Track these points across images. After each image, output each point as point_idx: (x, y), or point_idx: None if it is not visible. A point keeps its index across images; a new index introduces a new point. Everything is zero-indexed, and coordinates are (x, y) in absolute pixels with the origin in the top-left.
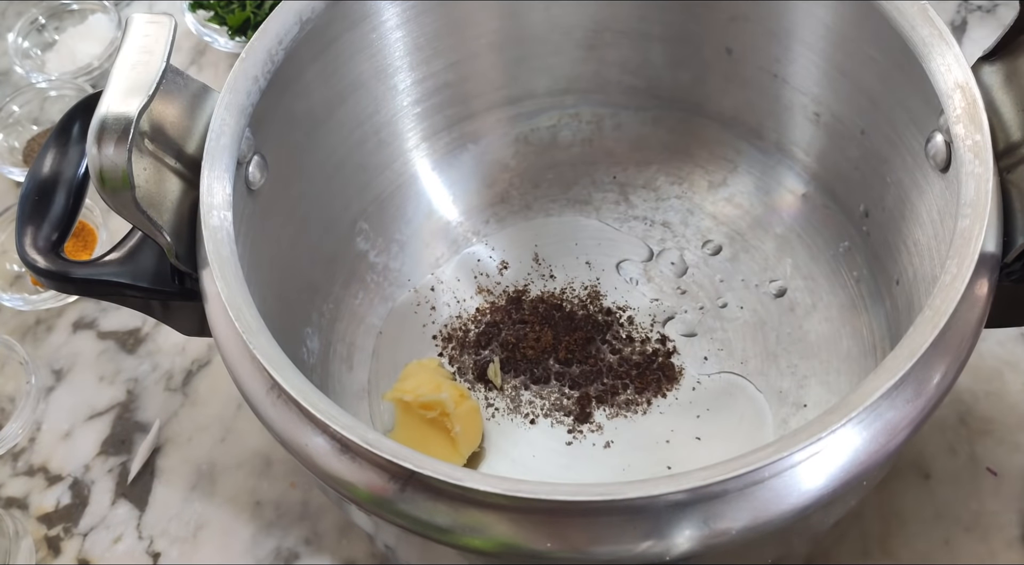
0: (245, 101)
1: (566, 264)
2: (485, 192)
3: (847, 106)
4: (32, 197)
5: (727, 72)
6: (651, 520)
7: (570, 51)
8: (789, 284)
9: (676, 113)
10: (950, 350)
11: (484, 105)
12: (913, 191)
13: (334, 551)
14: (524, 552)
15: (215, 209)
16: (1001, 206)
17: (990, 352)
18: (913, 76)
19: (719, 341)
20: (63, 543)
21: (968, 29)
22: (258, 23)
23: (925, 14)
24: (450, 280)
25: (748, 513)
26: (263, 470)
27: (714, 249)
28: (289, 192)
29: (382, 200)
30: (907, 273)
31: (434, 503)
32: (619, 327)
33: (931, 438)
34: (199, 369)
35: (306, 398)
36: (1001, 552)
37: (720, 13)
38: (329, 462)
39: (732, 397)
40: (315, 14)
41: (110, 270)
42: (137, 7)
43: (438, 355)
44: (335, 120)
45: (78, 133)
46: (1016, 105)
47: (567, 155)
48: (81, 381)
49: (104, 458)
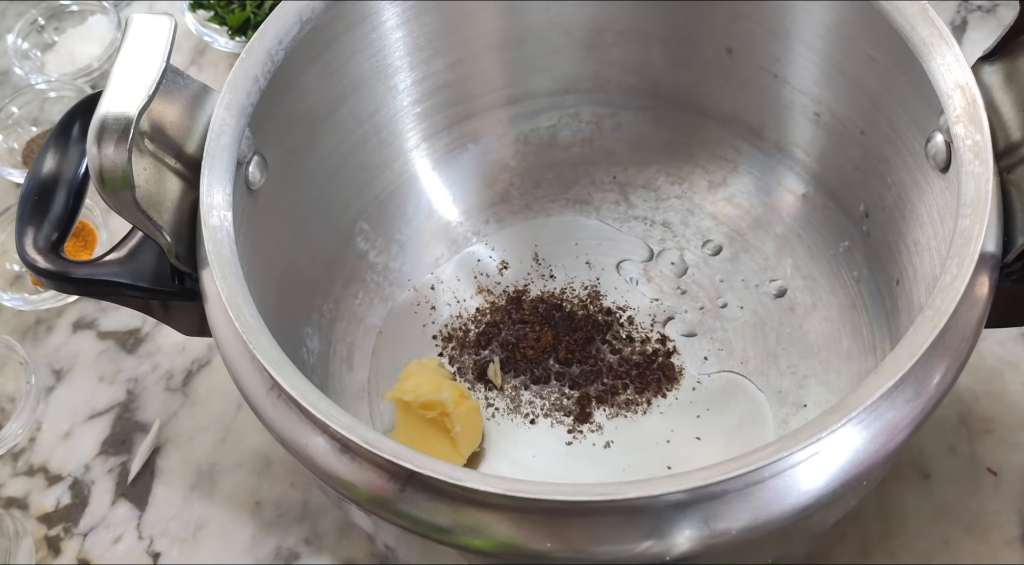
0: (245, 101)
1: (566, 264)
2: (485, 192)
3: (847, 106)
4: (32, 197)
5: (727, 72)
6: (651, 520)
7: (570, 51)
8: (789, 284)
9: (676, 113)
10: (950, 350)
11: (484, 105)
12: (913, 191)
13: (334, 551)
14: (524, 552)
15: (215, 209)
16: (1001, 206)
17: (990, 352)
18: (913, 76)
19: (719, 341)
20: (63, 543)
21: (968, 29)
22: (258, 23)
23: (925, 14)
24: (450, 280)
25: (748, 513)
26: (263, 470)
27: (714, 249)
28: (289, 192)
29: (382, 200)
30: (907, 273)
31: (434, 503)
32: (619, 327)
33: (931, 438)
34: (199, 369)
35: (306, 398)
36: (1001, 552)
37: (720, 13)
38: (329, 462)
39: (732, 397)
40: (315, 14)
41: (110, 270)
42: (137, 7)
43: (438, 355)
44: (335, 120)
45: (78, 133)
46: (1016, 105)
47: (567, 155)
48: (81, 381)
49: (104, 458)
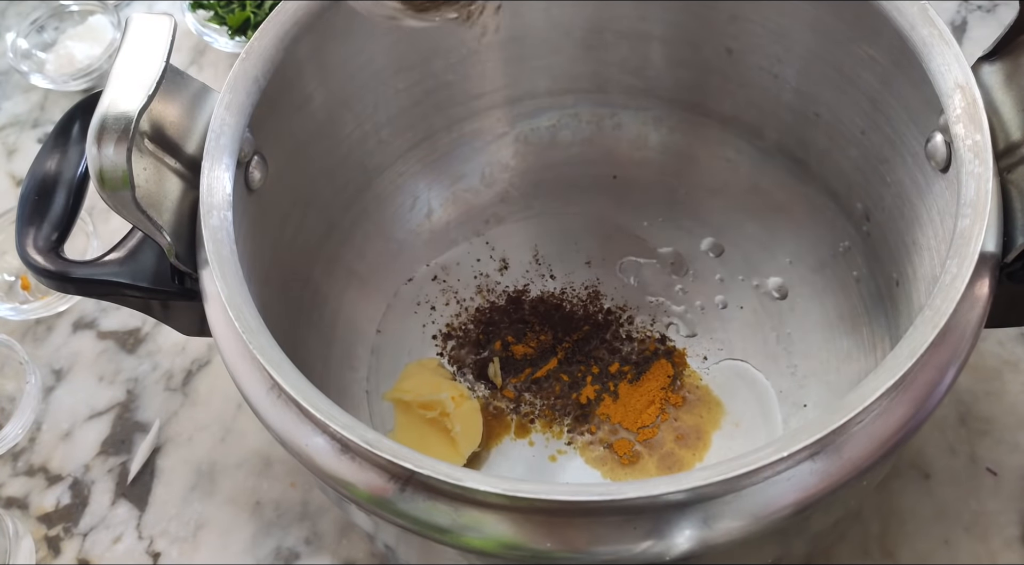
0: (245, 101)
1: (566, 264)
2: (485, 192)
3: (847, 106)
4: (32, 197)
5: (727, 72)
6: (651, 520)
7: (570, 51)
8: (789, 284)
9: (676, 113)
10: (950, 350)
11: (484, 105)
12: (913, 191)
13: (334, 551)
14: (524, 552)
15: (215, 209)
16: (1001, 206)
17: (990, 352)
18: (913, 76)
19: (719, 341)
20: (63, 543)
21: (968, 29)
22: (258, 23)
23: (925, 14)
24: (450, 280)
25: (748, 513)
26: (263, 470)
27: (714, 249)
28: (289, 192)
29: (382, 200)
30: (907, 273)
31: (434, 503)
32: (619, 327)
33: (931, 438)
34: (199, 369)
35: (306, 398)
36: (1001, 552)
37: (720, 13)
38: (329, 462)
39: (732, 397)
40: (315, 14)
41: (110, 270)
42: (137, 7)
43: (438, 355)
44: (335, 120)
45: (78, 133)
46: (1016, 105)
47: (567, 155)
48: (81, 381)
49: (104, 458)
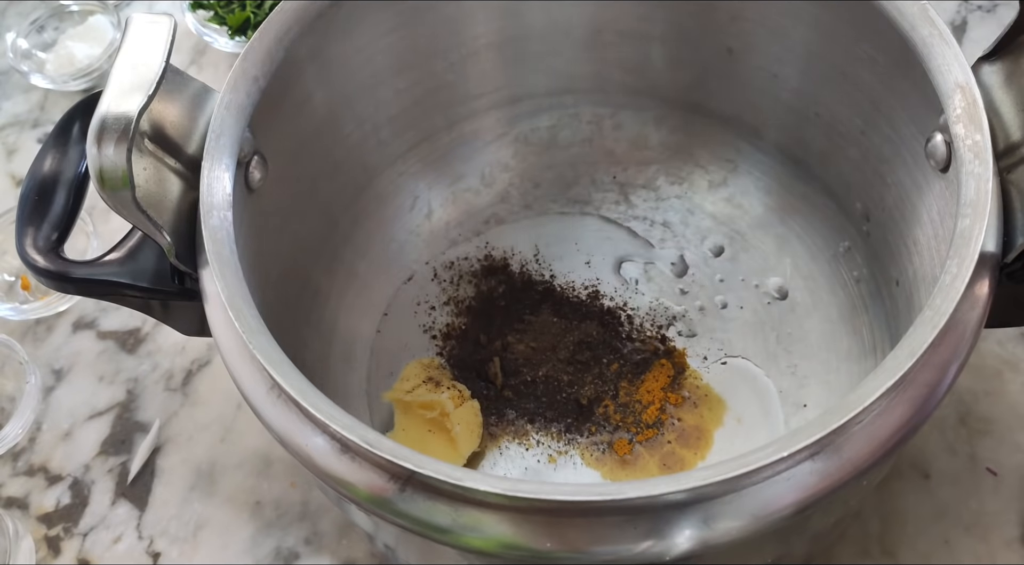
0: (245, 101)
1: (566, 264)
2: (485, 192)
3: (847, 106)
4: (32, 197)
5: (727, 72)
6: (651, 520)
7: (570, 51)
8: (789, 284)
9: (676, 113)
10: (950, 350)
11: (484, 105)
12: (913, 191)
13: (334, 551)
14: (524, 552)
15: (215, 209)
16: (1001, 206)
17: (990, 352)
18: (913, 76)
19: (719, 341)
20: (63, 543)
21: (968, 29)
22: (258, 23)
23: (925, 14)
24: (450, 280)
25: (748, 513)
26: (263, 470)
27: (714, 249)
28: (289, 192)
29: (382, 200)
30: (907, 273)
31: (434, 503)
32: (619, 327)
33: (931, 438)
34: (199, 369)
35: (306, 398)
36: (1001, 552)
37: (720, 13)
38: (329, 462)
39: (734, 395)
40: (315, 14)
41: (110, 270)
42: (137, 7)
43: (438, 355)
44: (335, 120)
45: (78, 133)
46: (1016, 105)
47: (567, 155)
48: (81, 381)
49: (104, 458)
